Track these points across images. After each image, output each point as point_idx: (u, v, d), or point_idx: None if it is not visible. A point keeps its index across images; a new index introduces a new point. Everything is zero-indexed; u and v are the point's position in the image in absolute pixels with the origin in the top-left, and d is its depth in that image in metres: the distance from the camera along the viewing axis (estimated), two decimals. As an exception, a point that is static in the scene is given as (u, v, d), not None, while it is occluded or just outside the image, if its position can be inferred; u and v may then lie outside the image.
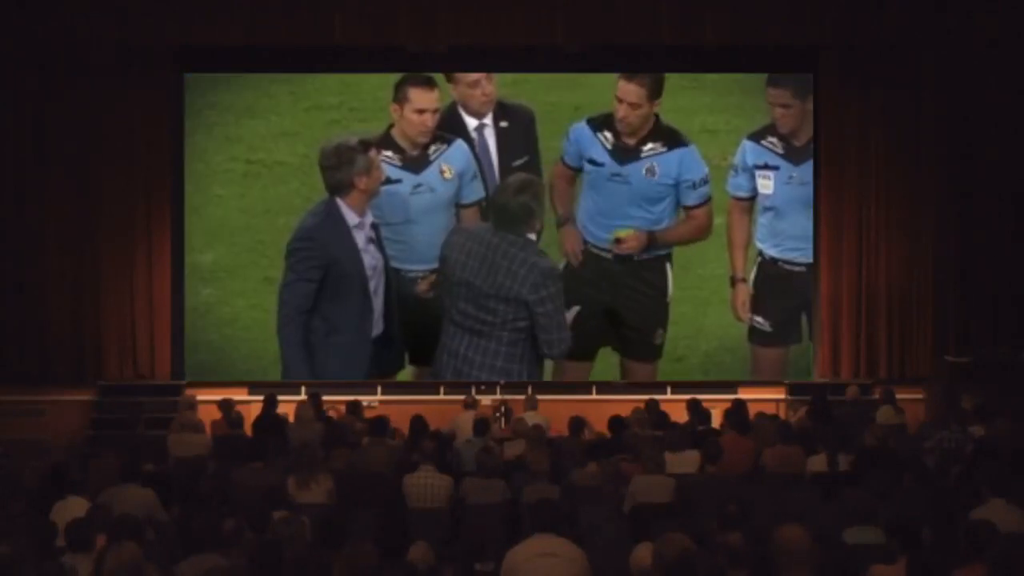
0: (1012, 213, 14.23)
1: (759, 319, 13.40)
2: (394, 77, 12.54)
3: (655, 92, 12.40)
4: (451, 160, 12.22)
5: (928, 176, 14.25)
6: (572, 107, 13.33)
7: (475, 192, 12.36)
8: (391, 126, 12.29)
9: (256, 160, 13.34)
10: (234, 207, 13.16)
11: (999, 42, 13.99)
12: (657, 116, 12.53)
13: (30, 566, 5.80)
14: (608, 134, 12.43)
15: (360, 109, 13.35)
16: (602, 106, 12.89)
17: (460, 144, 12.31)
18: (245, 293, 13.07)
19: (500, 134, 12.59)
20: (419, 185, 12.17)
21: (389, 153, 12.11)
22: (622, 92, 12.34)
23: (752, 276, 13.33)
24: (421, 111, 12.14)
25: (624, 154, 12.41)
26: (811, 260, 13.80)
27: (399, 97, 12.22)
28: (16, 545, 5.87)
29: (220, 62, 14.14)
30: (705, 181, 12.41)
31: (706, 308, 13.48)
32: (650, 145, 12.41)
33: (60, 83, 13.97)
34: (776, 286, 13.39)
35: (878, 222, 14.30)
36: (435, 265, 11.41)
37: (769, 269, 13.37)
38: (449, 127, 12.41)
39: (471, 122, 12.60)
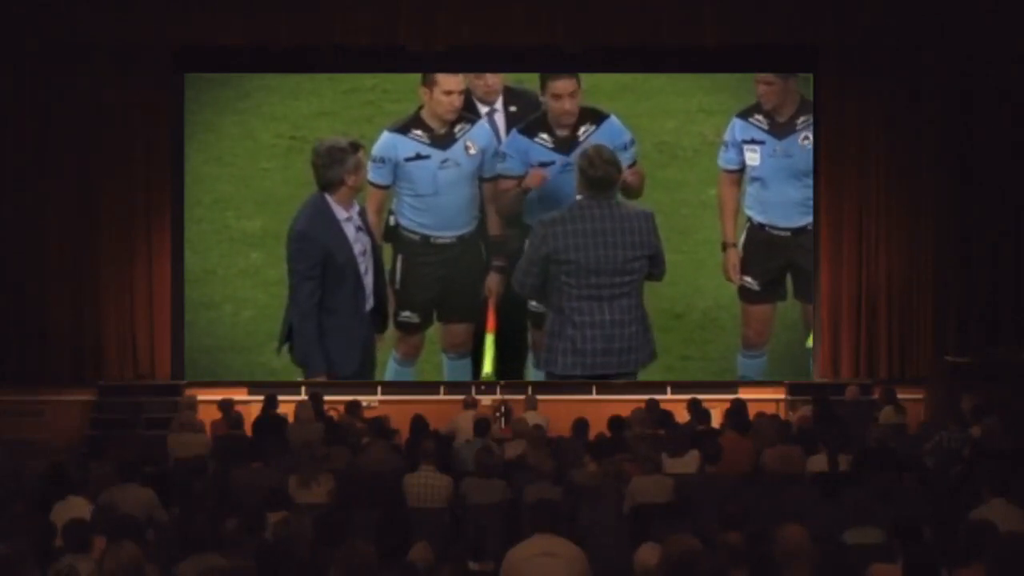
0: (1012, 213, 14.21)
1: (748, 279, 14.06)
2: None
3: (579, 78, 13.11)
4: (474, 137, 13.28)
5: (928, 176, 14.24)
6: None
7: (496, 167, 13.25)
8: (420, 108, 13.19)
9: (299, 136, 14.28)
10: (279, 179, 14.23)
11: (999, 42, 13.97)
12: None
13: (30, 566, 5.79)
14: (544, 135, 13.10)
15: (392, 91, 14.36)
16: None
17: (482, 123, 13.37)
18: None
19: (509, 117, 13.44)
20: (446, 160, 13.16)
21: (419, 132, 13.13)
22: (560, 88, 12.96)
23: (742, 241, 13.99)
24: (449, 92, 13.14)
25: (566, 145, 12.99)
26: (795, 225, 14.12)
27: (428, 81, 13.21)
28: (16, 545, 5.87)
29: (220, 62, 14.17)
30: (633, 142, 13.06)
31: (701, 270, 14.31)
32: (583, 128, 13.10)
33: (60, 83, 13.98)
34: (763, 249, 14.05)
35: (878, 222, 14.29)
36: (461, 232, 13.20)
37: (757, 234, 14.03)
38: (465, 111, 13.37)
39: (483, 108, 13.45)
